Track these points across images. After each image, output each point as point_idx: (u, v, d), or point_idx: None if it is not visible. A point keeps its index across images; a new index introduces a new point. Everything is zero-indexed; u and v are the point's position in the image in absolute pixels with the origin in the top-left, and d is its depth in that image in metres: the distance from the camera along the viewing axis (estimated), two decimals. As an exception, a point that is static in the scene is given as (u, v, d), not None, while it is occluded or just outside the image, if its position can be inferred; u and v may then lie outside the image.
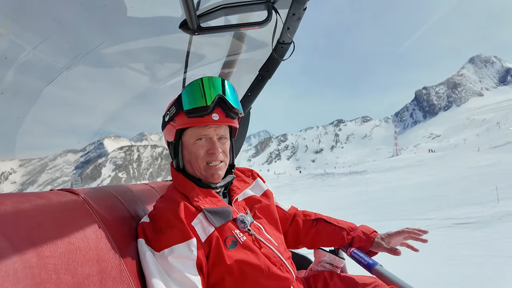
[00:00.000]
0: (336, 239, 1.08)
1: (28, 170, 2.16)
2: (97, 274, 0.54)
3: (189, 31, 0.91)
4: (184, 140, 0.86)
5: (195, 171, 0.87)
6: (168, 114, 0.87)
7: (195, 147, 0.85)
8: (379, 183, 26.48)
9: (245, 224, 0.84)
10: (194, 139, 0.85)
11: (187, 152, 0.87)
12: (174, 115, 0.84)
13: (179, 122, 0.83)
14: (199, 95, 0.81)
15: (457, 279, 2.96)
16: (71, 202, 0.61)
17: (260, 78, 1.37)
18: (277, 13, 0.95)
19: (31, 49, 0.71)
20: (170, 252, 0.71)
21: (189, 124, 0.82)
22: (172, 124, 0.85)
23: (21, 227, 0.45)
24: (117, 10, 0.79)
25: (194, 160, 0.86)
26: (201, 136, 0.84)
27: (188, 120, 0.82)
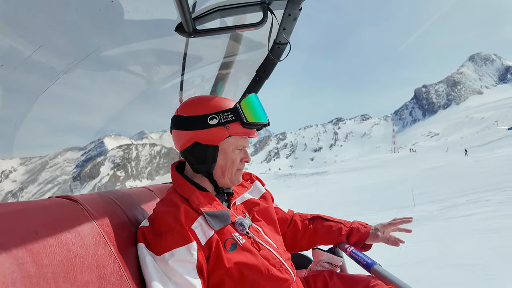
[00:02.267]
0: (334, 235, 1.11)
1: (28, 168, 2.16)
2: (96, 281, 0.55)
3: (185, 34, 0.91)
4: (225, 146, 0.88)
5: (224, 176, 0.90)
6: (218, 118, 0.84)
7: (234, 155, 0.90)
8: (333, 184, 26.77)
9: (244, 227, 0.85)
10: (235, 147, 0.89)
11: (223, 157, 0.89)
12: (231, 122, 0.85)
13: (235, 130, 0.86)
14: (261, 112, 0.90)
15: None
16: (69, 209, 0.62)
17: (257, 79, 1.38)
18: (272, 14, 0.95)
19: (27, 55, 0.71)
20: (170, 255, 0.71)
21: (243, 133, 0.87)
22: (223, 129, 0.85)
23: (18, 236, 0.46)
24: (112, 15, 0.79)
25: (230, 166, 0.89)
26: (243, 145, 0.91)
27: (243, 130, 0.87)
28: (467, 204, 6.44)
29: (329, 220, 1.15)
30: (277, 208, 1.14)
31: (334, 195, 17.76)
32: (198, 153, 0.87)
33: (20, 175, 2.21)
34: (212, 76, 1.40)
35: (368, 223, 1.15)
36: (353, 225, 1.12)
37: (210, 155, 0.87)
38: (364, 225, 1.12)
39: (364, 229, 1.10)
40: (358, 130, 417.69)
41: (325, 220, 1.15)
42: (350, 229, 1.11)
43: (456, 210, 6.12)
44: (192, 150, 0.87)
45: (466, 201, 6.75)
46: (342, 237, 1.11)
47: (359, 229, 1.10)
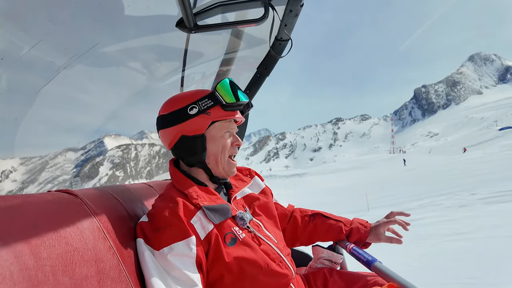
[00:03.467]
0: (334, 232, 1.11)
1: (28, 168, 2.15)
2: (95, 275, 0.54)
3: (186, 30, 0.90)
4: (212, 133, 0.87)
5: (218, 164, 0.89)
6: (198, 106, 0.84)
7: (223, 140, 0.89)
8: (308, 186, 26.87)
9: (245, 221, 0.84)
10: (223, 132, 0.89)
11: (213, 145, 0.88)
12: (211, 107, 0.85)
13: (216, 114, 0.86)
14: (237, 92, 0.89)
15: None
16: (69, 203, 0.61)
17: (258, 76, 1.37)
18: (274, 10, 0.95)
19: (27, 49, 0.71)
20: (169, 250, 0.71)
21: (226, 116, 0.87)
22: (205, 116, 0.85)
23: (17, 229, 0.45)
24: (113, 9, 0.79)
25: (221, 152, 0.89)
26: (230, 128, 0.90)
27: (225, 113, 0.87)
28: (418, 208, 6.48)
29: (329, 218, 1.14)
30: (277, 203, 1.13)
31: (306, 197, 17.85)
32: (186, 146, 0.87)
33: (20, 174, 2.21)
34: (213, 72, 1.40)
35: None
36: (353, 225, 1.11)
37: (199, 145, 0.86)
38: (364, 225, 1.11)
39: (364, 229, 1.10)
40: (358, 130, 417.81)
41: (326, 218, 1.14)
42: (350, 229, 1.10)
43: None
44: (181, 145, 0.87)
45: (418, 205, 6.80)
46: (342, 236, 1.10)
47: (359, 229, 1.10)
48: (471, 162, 16.13)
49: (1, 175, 2.03)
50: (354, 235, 1.09)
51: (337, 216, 1.16)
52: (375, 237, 1.08)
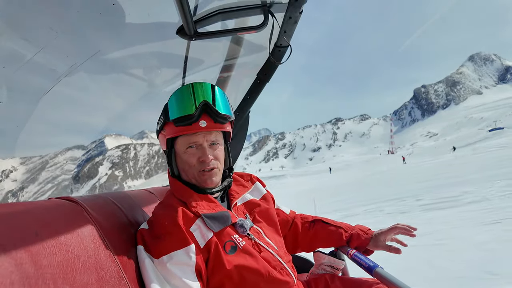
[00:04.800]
0: (334, 238, 1.09)
1: (29, 168, 2.16)
2: (96, 283, 0.54)
3: (186, 37, 0.91)
4: (176, 148, 0.87)
5: (190, 178, 0.88)
6: (159, 123, 0.87)
7: (186, 156, 0.85)
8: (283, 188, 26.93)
9: (245, 228, 0.84)
10: (184, 148, 0.84)
11: (180, 160, 0.87)
12: (163, 125, 0.85)
13: (168, 131, 0.84)
14: (184, 103, 0.80)
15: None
16: (69, 210, 0.62)
17: (258, 82, 1.38)
18: (273, 17, 0.95)
19: (29, 57, 0.72)
20: (169, 258, 0.71)
21: (177, 133, 0.83)
22: (162, 133, 0.86)
23: (18, 237, 0.46)
24: (114, 17, 0.80)
25: (187, 168, 0.86)
26: (191, 143, 0.84)
27: (176, 129, 0.82)
28: (363, 214, 6.48)
29: (330, 224, 1.12)
30: (279, 209, 1.13)
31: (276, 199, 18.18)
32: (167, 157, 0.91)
33: (21, 174, 2.21)
34: (213, 79, 1.41)
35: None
36: (354, 231, 1.09)
37: (168, 159, 0.89)
38: (365, 231, 1.09)
39: (365, 236, 1.07)
40: (357, 130, 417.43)
41: (326, 224, 1.12)
42: (350, 235, 1.09)
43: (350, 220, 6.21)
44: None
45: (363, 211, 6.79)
46: (342, 242, 1.09)
47: (359, 236, 1.08)
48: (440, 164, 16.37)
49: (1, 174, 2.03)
50: (354, 241, 1.08)
51: (338, 222, 1.14)
52: (374, 244, 1.06)
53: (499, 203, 4.99)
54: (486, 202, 5.24)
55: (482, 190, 6.32)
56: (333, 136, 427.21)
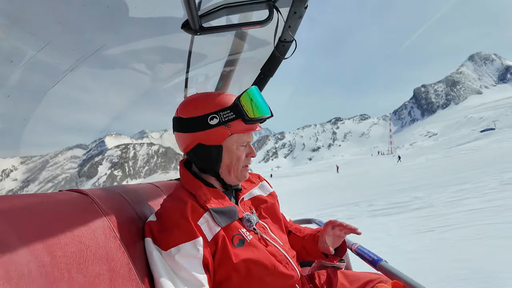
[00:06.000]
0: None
1: (29, 167, 2.16)
2: (107, 273, 0.55)
3: (191, 31, 0.91)
4: (229, 144, 0.87)
5: (231, 174, 0.89)
6: (219, 117, 0.83)
7: (239, 152, 0.88)
8: None
9: (251, 223, 0.85)
10: (239, 144, 0.88)
11: (228, 156, 0.87)
12: (232, 120, 0.84)
13: (236, 127, 0.84)
14: (263, 105, 0.87)
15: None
16: (80, 202, 0.63)
17: (262, 77, 1.38)
18: (278, 11, 0.96)
19: (35, 52, 0.72)
20: (176, 251, 0.72)
21: (246, 130, 0.86)
22: (225, 128, 0.84)
23: (33, 227, 0.46)
24: (119, 11, 0.80)
25: (235, 163, 0.88)
26: (247, 141, 0.90)
27: (246, 126, 0.85)
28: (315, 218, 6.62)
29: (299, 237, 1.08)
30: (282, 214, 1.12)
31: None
32: (202, 154, 0.86)
33: (21, 173, 2.21)
34: (216, 73, 1.41)
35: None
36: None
37: (215, 155, 0.86)
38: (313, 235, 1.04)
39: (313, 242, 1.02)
40: (357, 129, 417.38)
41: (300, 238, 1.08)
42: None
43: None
44: (196, 152, 0.87)
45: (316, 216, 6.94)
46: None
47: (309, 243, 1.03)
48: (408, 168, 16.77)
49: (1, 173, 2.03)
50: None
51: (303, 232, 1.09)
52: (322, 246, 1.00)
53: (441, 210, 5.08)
54: (430, 209, 5.33)
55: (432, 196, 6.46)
56: (332, 136, 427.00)
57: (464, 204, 5.12)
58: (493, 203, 4.81)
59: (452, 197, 5.92)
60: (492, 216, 4.11)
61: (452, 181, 8.05)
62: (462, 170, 10.39)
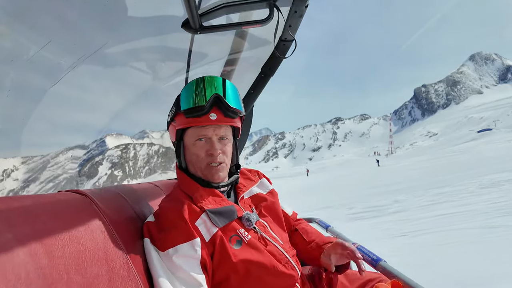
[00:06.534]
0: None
1: (30, 167, 2.16)
2: (106, 274, 0.55)
3: (191, 30, 0.91)
4: (185, 140, 0.87)
5: (196, 171, 0.88)
6: (170, 114, 0.88)
7: (194, 148, 0.85)
8: None
9: (251, 222, 0.84)
10: (193, 140, 0.85)
11: (188, 152, 0.87)
12: (174, 116, 0.85)
13: (178, 122, 0.84)
14: (196, 95, 0.81)
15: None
16: (79, 203, 0.62)
17: (262, 76, 1.38)
18: (278, 10, 0.95)
19: (37, 50, 0.71)
20: (174, 251, 0.71)
21: (187, 124, 0.83)
22: (173, 124, 0.87)
23: (31, 229, 0.46)
24: (119, 10, 0.80)
25: (195, 160, 0.86)
26: (200, 136, 0.84)
27: (186, 120, 0.82)
28: None
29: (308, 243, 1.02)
30: (282, 210, 1.11)
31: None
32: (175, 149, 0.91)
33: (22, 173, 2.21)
34: (217, 73, 1.41)
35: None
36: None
37: (177, 151, 0.89)
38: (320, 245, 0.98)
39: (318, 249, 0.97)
40: (357, 129, 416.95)
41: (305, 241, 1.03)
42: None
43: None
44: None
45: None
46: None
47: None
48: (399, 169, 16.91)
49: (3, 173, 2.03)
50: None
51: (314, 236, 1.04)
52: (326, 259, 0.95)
53: (418, 213, 5.08)
54: (407, 213, 5.33)
55: (411, 199, 6.46)
56: (333, 135, 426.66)
57: (440, 208, 5.14)
58: (468, 207, 4.83)
59: (430, 201, 5.94)
60: (465, 220, 4.13)
61: (433, 184, 8.10)
62: (446, 173, 10.47)
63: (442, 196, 6.23)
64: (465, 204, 5.08)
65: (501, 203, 4.75)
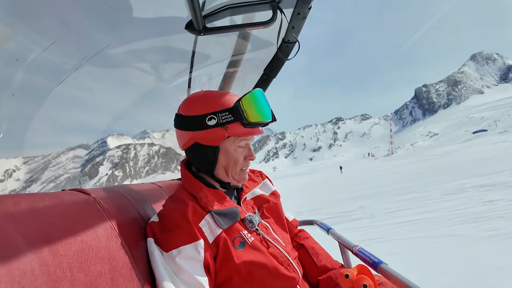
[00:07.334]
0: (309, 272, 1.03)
1: (31, 167, 2.17)
2: (108, 272, 0.56)
3: (195, 32, 0.91)
4: (225, 146, 0.85)
5: (228, 175, 0.88)
6: (217, 118, 0.81)
7: (236, 153, 0.86)
8: None
9: (253, 224, 0.85)
10: (236, 145, 0.86)
11: (225, 157, 0.86)
12: (230, 122, 0.82)
13: (234, 130, 0.82)
14: (264, 109, 0.85)
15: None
16: (83, 201, 0.63)
17: (265, 77, 1.38)
18: (282, 12, 0.95)
19: (40, 51, 0.72)
20: (177, 253, 0.72)
21: (245, 134, 0.83)
22: (222, 129, 0.82)
23: (36, 226, 0.47)
24: (124, 11, 0.80)
25: (233, 165, 0.87)
26: (245, 143, 0.88)
27: (245, 130, 0.83)
28: None
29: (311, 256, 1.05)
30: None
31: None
32: (199, 153, 0.85)
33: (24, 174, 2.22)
34: (220, 74, 1.41)
35: None
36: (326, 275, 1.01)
37: (211, 156, 0.85)
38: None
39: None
40: (358, 129, 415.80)
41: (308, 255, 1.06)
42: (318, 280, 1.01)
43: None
44: (193, 150, 0.86)
45: None
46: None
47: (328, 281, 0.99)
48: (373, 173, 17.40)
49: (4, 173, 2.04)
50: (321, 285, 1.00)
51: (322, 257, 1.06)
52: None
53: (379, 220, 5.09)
54: (369, 219, 5.34)
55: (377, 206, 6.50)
56: (333, 135, 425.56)
57: (400, 216, 5.18)
58: (425, 215, 4.87)
59: (394, 208, 5.98)
60: (417, 229, 4.16)
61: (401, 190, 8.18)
62: (418, 178, 10.55)
63: (406, 202, 6.31)
64: (424, 212, 5.15)
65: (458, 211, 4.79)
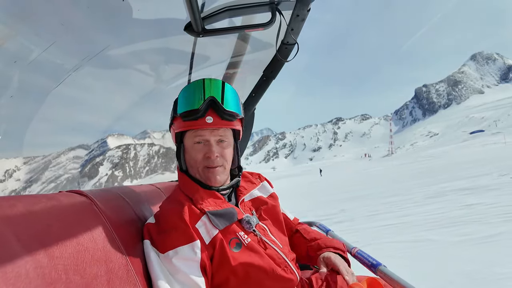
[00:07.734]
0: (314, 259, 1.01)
1: (32, 167, 2.17)
2: (105, 274, 0.55)
3: (194, 33, 0.92)
4: (185, 143, 0.87)
5: (195, 173, 0.88)
6: (170, 117, 0.89)
7: (193, 151, 0.86)
8: None
9: (251, 225, 0.84)
10: (192, 143, 0.85)
11: (187, 155, 0.88)
12: (173, 119, 0.86)
13: (177, 125, 0.85)
14: (192, 98, 0.81)
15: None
16: (79, 203, 0.63)
17: (264, 79, 1.38)
18: (281, 14, 0.96)
19: (40, 51, 0.72)
20: (174, 253, 0.71)
21: (184, 127, 0.83)
22: (172, 127, 0.88)
23: (32, 228, 0.47)
24: (123, 13, 0.80)
25: (193, 163, 0.87)
26: (198, 139, 0.84)
27: (183, 123, 0.83)
28: None
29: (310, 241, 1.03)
30: (284, 214, 1.11)
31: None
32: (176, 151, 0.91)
33: (24, 174, 2.22)
34: (219, 75, 1.41)
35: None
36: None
37: (177, 153, 0.90)
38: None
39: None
40: (358, 130, 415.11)
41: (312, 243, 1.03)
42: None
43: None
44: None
45: None
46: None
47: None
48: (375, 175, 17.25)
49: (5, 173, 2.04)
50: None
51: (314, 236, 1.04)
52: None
53: (359, 224, 5.06)
54: (350, 222, 5.32)
55: (358, 209, 6.47)
56: (333, 136, 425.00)
57: (381, 219, 5.15)
58: (405, 219, 4.85)
59: (375, 211, 5.96)
60: (394, 233, 4.14)
61: (385, 193, 8.16)
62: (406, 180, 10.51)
63: (388, 206, 6.29)
64: (404, 215, 5.13)
65: (436, 215, 4.76)
